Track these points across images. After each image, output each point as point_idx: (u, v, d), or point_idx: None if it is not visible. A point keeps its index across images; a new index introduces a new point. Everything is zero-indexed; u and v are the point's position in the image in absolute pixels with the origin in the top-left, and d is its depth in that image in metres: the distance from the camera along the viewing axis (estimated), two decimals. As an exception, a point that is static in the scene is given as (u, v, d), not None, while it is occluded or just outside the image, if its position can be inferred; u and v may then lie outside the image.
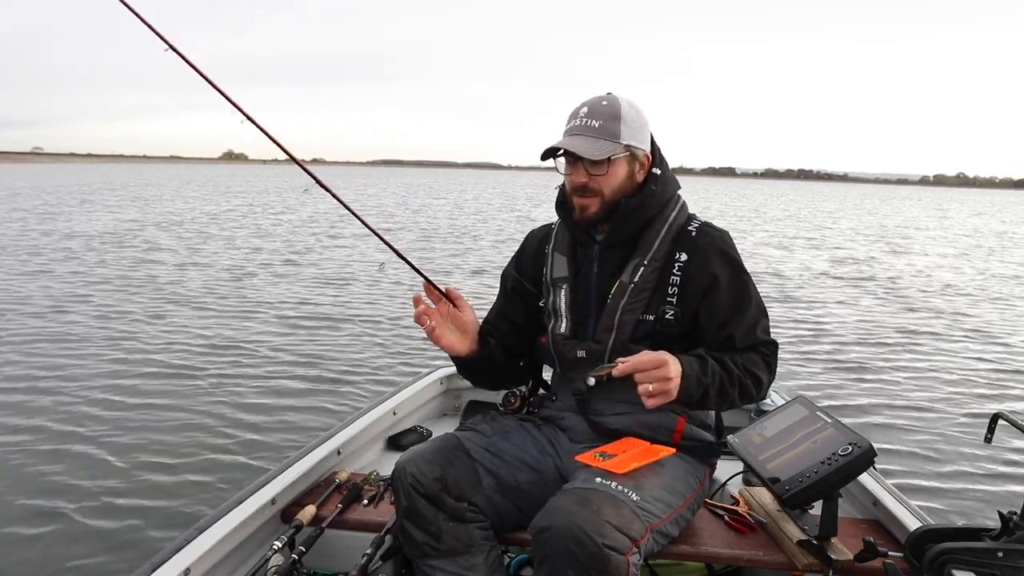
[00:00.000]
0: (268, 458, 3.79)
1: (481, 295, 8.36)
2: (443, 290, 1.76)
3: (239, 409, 4.57)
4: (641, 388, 1.47)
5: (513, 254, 1.97)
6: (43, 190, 32.32)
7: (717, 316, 1.66)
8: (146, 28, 1.66)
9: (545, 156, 1.70)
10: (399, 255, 1.82)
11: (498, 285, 1.96)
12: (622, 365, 1.49)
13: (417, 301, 1.72)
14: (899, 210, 42.82)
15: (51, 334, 6.33)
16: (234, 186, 45.20)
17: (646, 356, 1.49)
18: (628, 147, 1.67)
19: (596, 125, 1.65)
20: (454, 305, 1.76)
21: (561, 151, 1.68)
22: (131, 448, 3.92)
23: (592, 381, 1.58)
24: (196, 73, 1.67)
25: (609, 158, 1.64)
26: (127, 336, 6.35)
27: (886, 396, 5.32)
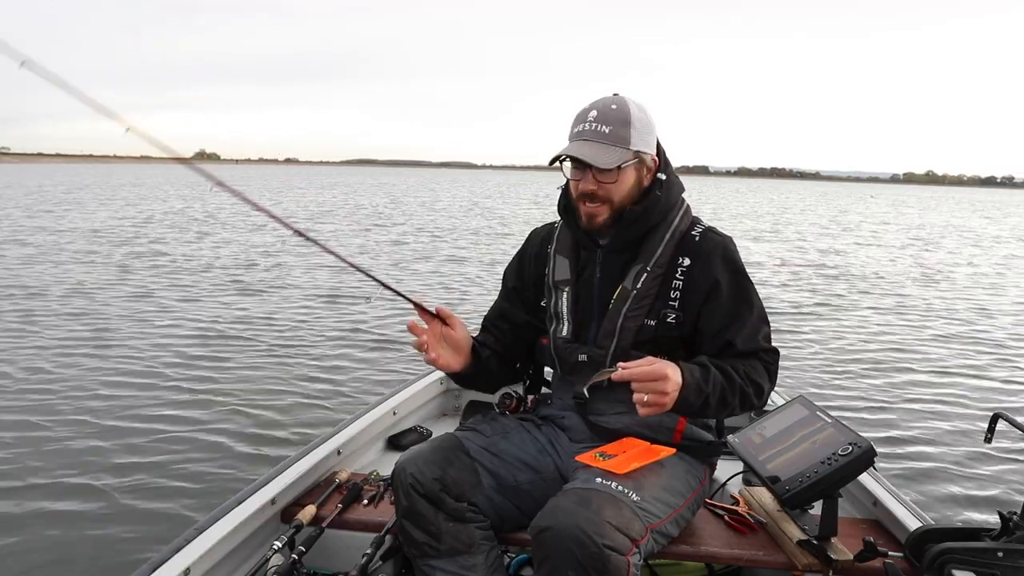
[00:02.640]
0: (268, 458, 3.79)
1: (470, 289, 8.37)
2: (433, 311, 1.70)
3: (239, 408, 4.57)
4: (636, 396, 1.47)
5: (516, 252, 1.96)
6: (29, 191, 32.22)
7: (717, 322, 1.65)
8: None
9: (553, 161, 1.66)
10: (385, 286, 1.74)
11: (476, 278, 1.96)
12: (621, 371, 1.48)
13: (415, 331, 1.66)
14: (855, 207, 43.21)
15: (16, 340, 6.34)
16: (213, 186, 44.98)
17: (645, 368, 1.47)
18: (637, 153, 1.64)
19: (606, 131, 1.61)
20: (445, 323, 1.71)
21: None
22: (130, 447, 3.92)
23: (586, 389, 1.60)
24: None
25: (619, 166, 1.61)
26: (117, 334, 6.36)
27: (886, 396, 5.31)
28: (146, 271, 10.07)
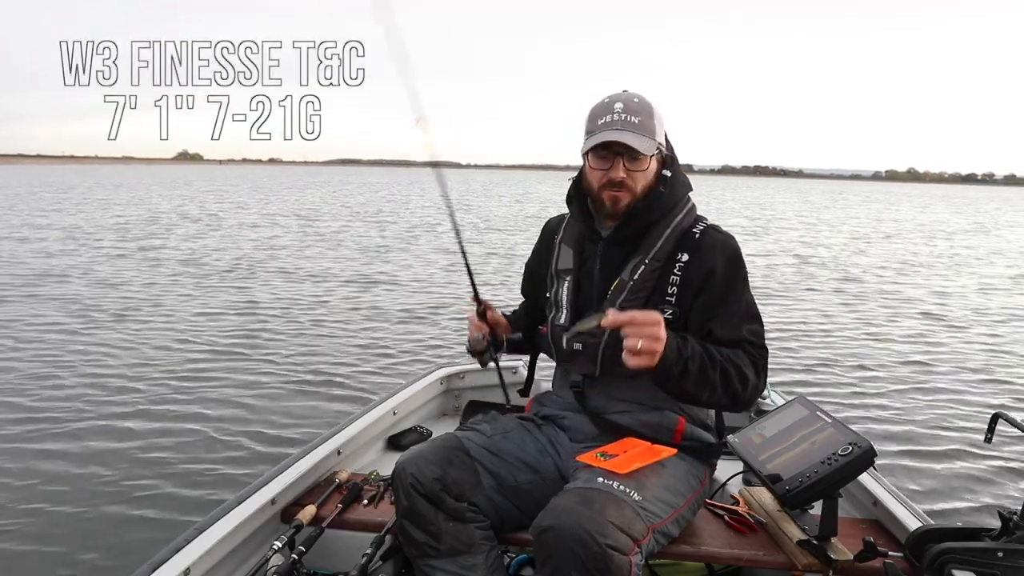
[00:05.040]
0: (268, 458, 3.78)
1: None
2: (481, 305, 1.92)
3: (239, 409, 4.57)
4: (629, 343, 1.43)
5: None
6: (17, 191, 32.25)
7: (703, 311, 1.65)
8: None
9: (592, 149, 1.68)
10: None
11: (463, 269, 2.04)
12: (614, 316, 1.46)
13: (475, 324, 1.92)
14: (834, 204, 43.63)
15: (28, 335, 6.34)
16: (213, 187, 44.99)
17: (642, 312, 1.48)
18: (659, 145, 1.68)
19: (636, 121, 1.65)
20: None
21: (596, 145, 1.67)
22: (130, 447, 3.92)
23: (572, 339, 1.64)
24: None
25: (651, 155, 1.66)
26: (114, 336, 6.35)
27: (886, 395, 5.31)
28: (144, 271, 10.08)
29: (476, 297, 1.91)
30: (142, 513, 3.23)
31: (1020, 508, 1.58)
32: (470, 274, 1.94)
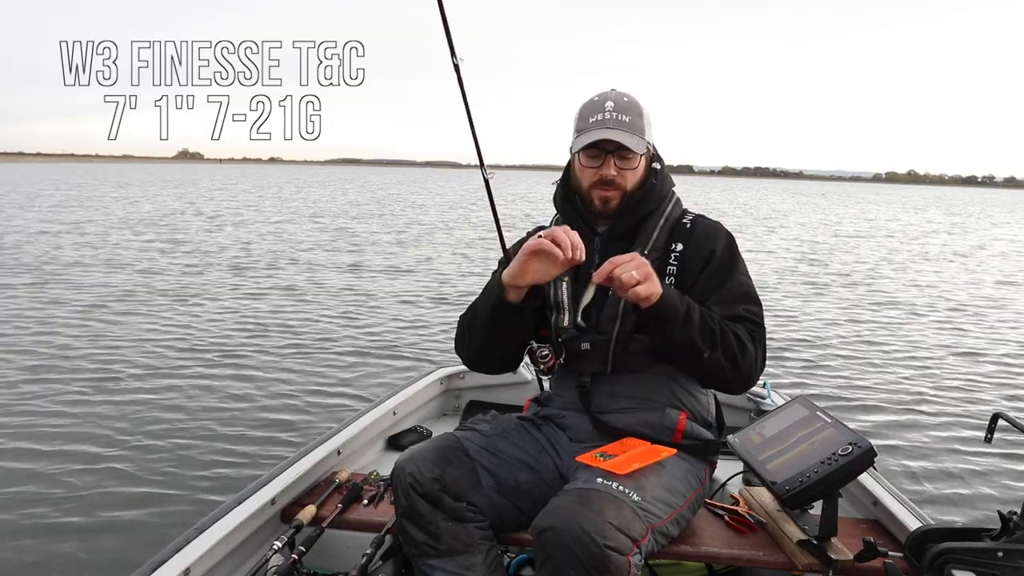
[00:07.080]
0: (268, 458, 3.78)
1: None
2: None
3: (239, 408, 4.57)
4: (624, 277, 1.45)
5: (499, 261, 1.94)
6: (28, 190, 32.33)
7: (701, 293, 1.67)
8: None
9: (587, 147, 1.68)
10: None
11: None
12: (596, 273, 1.50)
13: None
14: (832, 206, 43.79)
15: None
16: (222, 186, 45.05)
17: (614, 258, 1.49)
18: (647, 143, 1.72)
19: (627, 120, 1.68)
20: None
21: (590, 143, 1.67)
22: (130, 446, 3.92)
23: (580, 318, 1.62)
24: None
25: (640, 153, 1.69)
26: (113, 332, 6.35)
27: (886, 396, 5.32)
28: (143, 267, 10.08)
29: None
30: (142, 513, 3.22)
31: (1020, 508, 1.58)
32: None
